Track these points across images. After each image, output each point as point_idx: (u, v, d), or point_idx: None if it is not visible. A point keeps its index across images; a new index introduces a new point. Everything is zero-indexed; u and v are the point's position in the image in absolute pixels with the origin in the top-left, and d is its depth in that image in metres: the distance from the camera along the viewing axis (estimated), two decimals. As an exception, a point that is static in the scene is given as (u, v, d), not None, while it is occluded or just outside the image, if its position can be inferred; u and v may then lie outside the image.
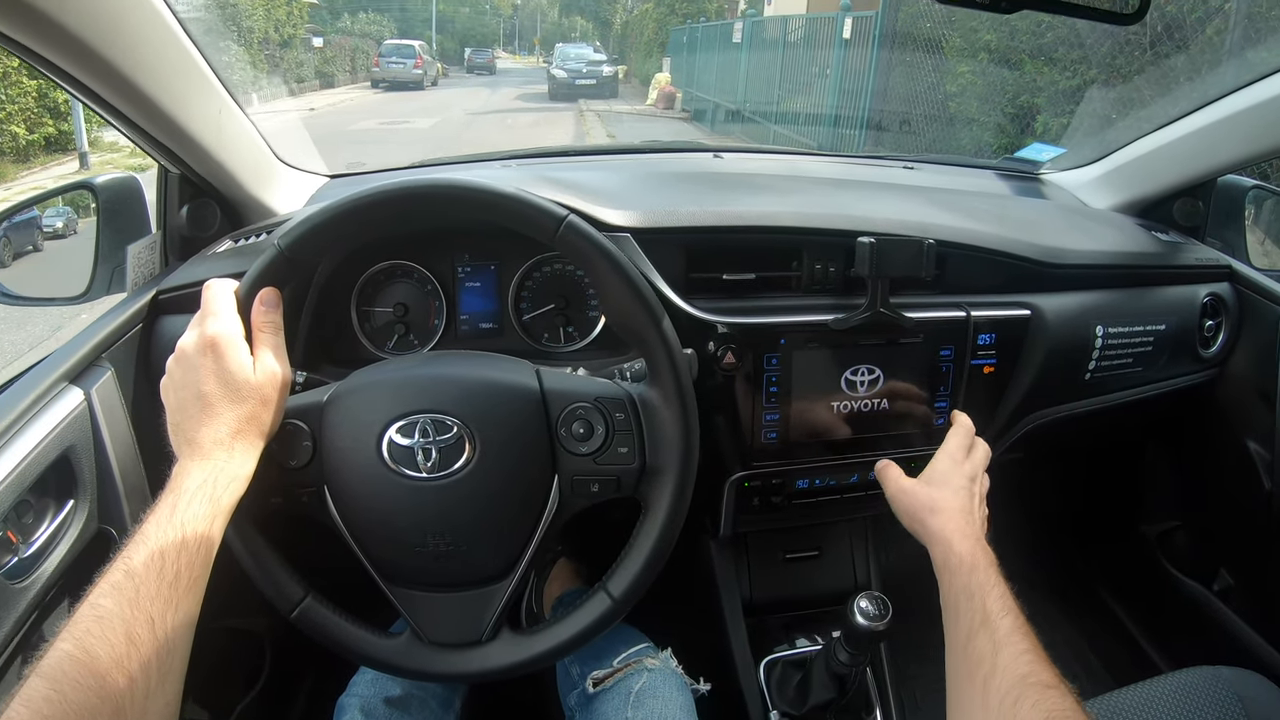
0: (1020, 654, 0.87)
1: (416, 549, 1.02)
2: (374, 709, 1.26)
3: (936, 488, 1.17)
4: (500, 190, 1.00)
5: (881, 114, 9.91)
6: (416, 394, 1.01)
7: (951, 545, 1.05)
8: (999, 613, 0.93)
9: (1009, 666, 0.86)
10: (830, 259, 1.38)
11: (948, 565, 1.05)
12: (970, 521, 1.10)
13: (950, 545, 1.06)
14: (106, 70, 1.03)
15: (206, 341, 0.92)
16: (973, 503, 1.15)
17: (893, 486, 1.23)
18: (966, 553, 1.03)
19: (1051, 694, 0.81)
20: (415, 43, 29.95)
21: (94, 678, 0.69)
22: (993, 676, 0.86)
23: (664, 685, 1.28)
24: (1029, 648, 0.88)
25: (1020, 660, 0.86)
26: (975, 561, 1.02)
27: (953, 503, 1.13)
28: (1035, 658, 0.87)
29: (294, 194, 1.60)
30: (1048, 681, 0.83)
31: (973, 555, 1.03)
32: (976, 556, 1.03)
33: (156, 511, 0.84)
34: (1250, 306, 1.74)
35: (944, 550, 1.06)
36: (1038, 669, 0.85)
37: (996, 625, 0.92)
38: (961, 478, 1.18)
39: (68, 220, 1.63)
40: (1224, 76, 3.58)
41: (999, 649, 0.89)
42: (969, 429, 1.29)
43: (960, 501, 1.13)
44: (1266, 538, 1.68)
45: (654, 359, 1.04)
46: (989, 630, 0.92)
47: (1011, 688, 0.83)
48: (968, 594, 0.98)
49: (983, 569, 1.01)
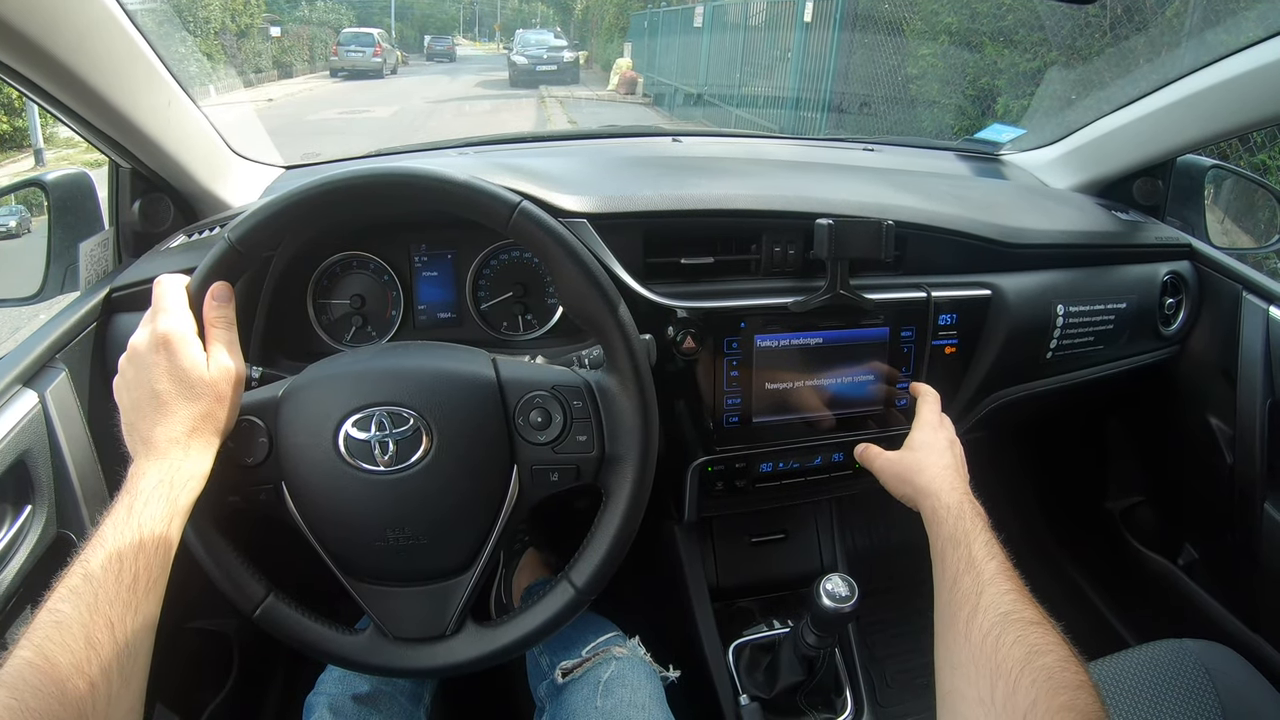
0: (1003, 593, 0.88)
1: (376, 543, 1.01)
2: (342, 706, 1.26)
3: (921, 451, 1.21)
4: (451, 178, 0.98)
5: (843, 96, 9.92)
6: (372, 386, 1.00)
7: (939, 496, 1.09)
8: (984, 557, 0.95)
9: (992, 605, 0.87)
10: (789, 241, 1.38)
11: (935, 515, 1.07)
12: (956, 477, 1.14)
13: (939, 496, 1.09)
14: (51, 64, 1.01)
15: (158, 339, 0.91)
16: (955, 464, 1.18)
17: (879, 460, 1.27)
18: (954, 502, 1.07)
19: (1034, 629, 0.82)
20: (374, 30, 29.59)
21: (54, 684, 0.68)
22: (975, 615, 0.87)
23: (632, 673, 1.28)
24: (1013, 588, 0.89)
25: (1003, 599, 0.87)
26: (962, 510, 1.05)
27: (938, 461, 1.17)
28: (1018, 597, 0.88)
29: (248, 186, 1.58)
30: (1031, 618, 0.84)
31: (959, 504, 1.06)
32: (963, 506, 1.06)
33: (113, 513, 0.83)
34: (1210, 284, 1.76)
35: (932, 502, 1.09)
36: (1020, 606, 0.86)
37: (981, 568, 0.93)
38: (942, 441, 1.22)
39: (20, 219, 1.60)
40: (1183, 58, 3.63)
41: (983, 589, 0.90)
42: (935, 395, 1.32)
43: (945, 459, 1.18)
44: (1229, 512, 1.71)
45: (611, 346, 1.04)
46: (974, 572, 0.93)
47: (994, 625, 0.84)
48: (953, 541, 1.01)
49: (969, 517, 1.03)
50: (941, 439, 1.23)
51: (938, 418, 1.28)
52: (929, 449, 1.21)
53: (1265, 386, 1.61)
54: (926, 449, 1.21)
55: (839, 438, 1.42)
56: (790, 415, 1.37)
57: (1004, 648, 0.81)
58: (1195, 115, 1.61)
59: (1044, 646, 0.80)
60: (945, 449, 1.20)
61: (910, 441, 1.25)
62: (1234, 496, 1.69)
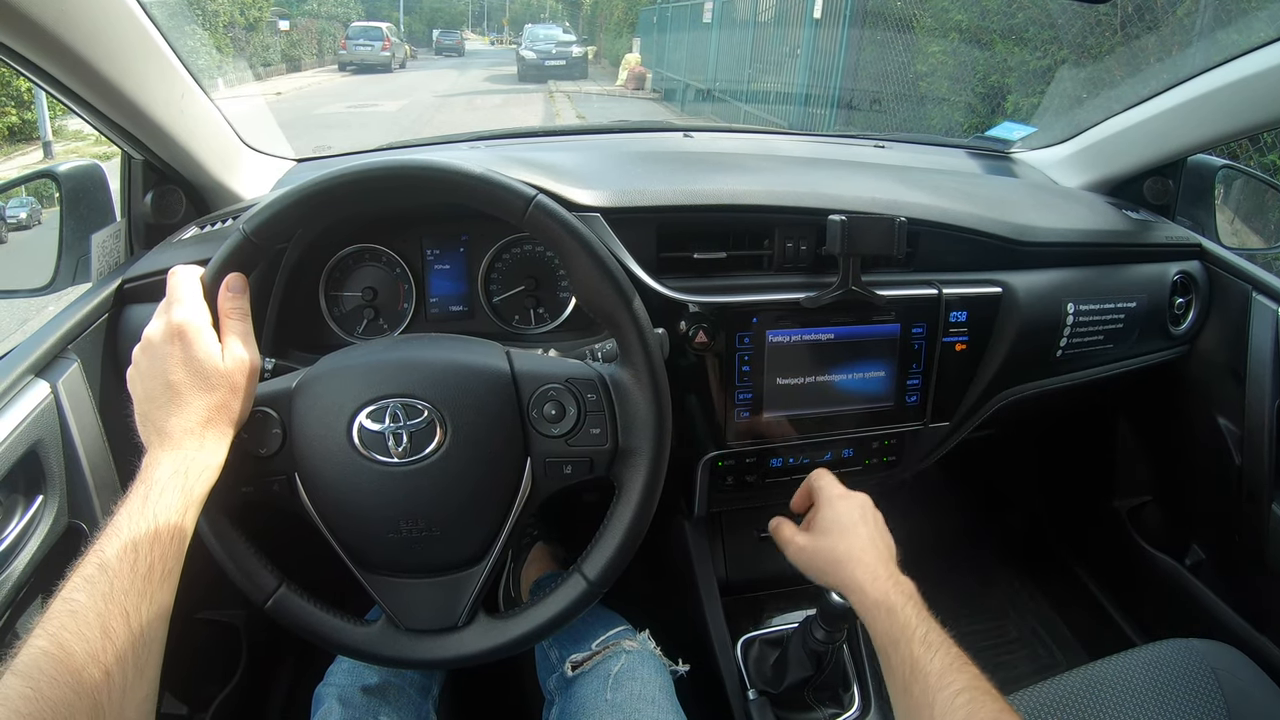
0: (955, 695, 0.86)
1: (389, 535, 1.01)
2: (351, 698, 1.26)
3: (833, 538, 1.13)
4: (468, 170, 0.98)
5: (852, 93, 9.89)
6: (386, 378, 1.00)
7: (865, 592, 1.03)
8: (926, 657, 0.91)
9: (946, 713, 0.85)
10: (802, 237, 1.37)
11: (866, 612, 1.03)
12: (876, 559, 1.07)
13: (864, 593, 1.03)
14: (67, 55, 1.01)
15: (173, 330, 0.91)
16: (872, 539, 1.11)
17: (791, 549, 1.19)
18: (880, 596, 1.01)
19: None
20: (383, 25, 29.66)
21: (70, 673, 0.68)
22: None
23: (642, 667, 1.28)
24: (963, 686, 0.86)
25: (956, 703, 0.85)
26: (891, 604, 0.99)
27: (852, 546, 1.10)
28: (972, 695, 0.85)
29: (260, 179, 1.58)
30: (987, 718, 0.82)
31: (887, 598, 1.00)
32: (891, 599, 1.00)
33: (128, 503, 0.83)
34: (1220, 284, 1.75)
35: (859, 598, 1.04)
36: (975, 709, 0.84)
37: (927, 671, 0.90)
38: (851, 516, 1.14)
39: (31, 210, 1.60)
40: (1194, 57, 3.61)
41: (933, 698, 0.87)
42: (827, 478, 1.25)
43: (860, 542, 1.10)
44: (1237, 512, 1.70)
45: (625, 339, 1.04)
46: (920, 679, 0.90)
47: None
48: (893, 642, 0.96)
49: (899, 610, 0.98)
50: (851, 514, 1.15)
51: (838, 489, 1.21)
52: (837, 532, 1.13)
53: (1274, 387, 1.60)
54: (835, 532, 1.13)
55: (849, 433, 1.42)
56: (801, 410, 1.37)
57: None
58: (1206, 115, 1.60)
59: None
60: (856, 524, 1.13)
61: (818, 523, 1.17)
62: (1242, 497, 1.68)
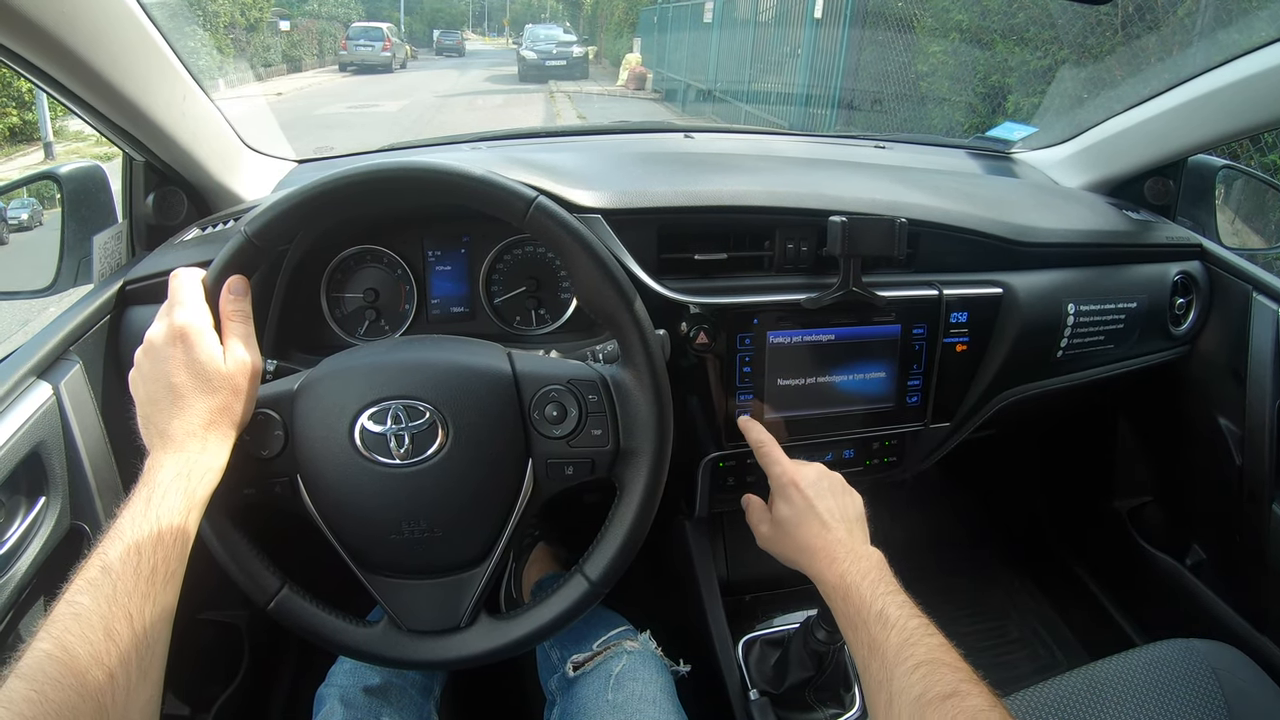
0: (911, 670, 0.84)
1: (391, 536, 1.01)
2: (353, 699, 1.26)
3: (789, 528, 1.13)
4: (468, 172, 0.99)
5: (853, 93, 9.89)
6: (388, 380, 1.01)
7: (823, 579, 1.03)
8: (883, 635, 0.90)
9: (903, 689, 0.83)
10: (802, 238, 1.38)
11: (827, 599, 1.03)
12: (832, 539, 1.06)
13: (822, 580, 1.03)
14: (68, 57, 1.01)
15: (175, 332, 0.91)
16: (827, 513, 1.10)
17: (758, 538, 1.21)
18: (836, 580, 1.01)
19: (949, 704, 0.79)
20: (383, 25, 29.67)
21: (74, 676, 0.68)
22: (891, 704, 0.84)
23: (643, 667, 1.28)
24: (920, 660, 0.85)
25: (912, 679, 0.83)
26: (847, 585, 0.99)
27: (807, 534, 1.09)
28: (929, 669, 0.83)
29: (261, 180, 1.59)
30: (945, 692, 0.81)
31: (840, 579, 1.00)
32: (847, 580, 0.99)
33: (131, 505, 0.83)
34: (1221, 285, 1.75)
35: (821, 587, 1.04)
36: (933, 682, 0.82)
37: (884, 648, 0.89)
38: (802, 499, 1.13)
39: (33, 212, 1.60)
40: (1195, 57, 3.62)
41: (891, 674, 0.86)
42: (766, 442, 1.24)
43: (812, 529, 1.09)
44: (1237, 512, 1.70)
45: (626, 340, 1.04)
46: (878, 656, 0.89)
47: (910, 714, 0.81)
48: (850, 624, 0.96)
49: (855, 589, 0.97)
50: (801, 493, 1.13)
51: (783, 466, 1.19)
52: (795, 523, 1.12)
53: (1275, 387, 1.61)
54: (792, 523, 1.12)
55: (850, 434, 1.43)
56: (802, 411, 1.37)
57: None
58: (1207, 115, 1.60)
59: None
60: (808, 507, 1.11)
61: (774, 514, 1.17)
62: (1242, 497, 1.69)
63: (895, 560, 1.04)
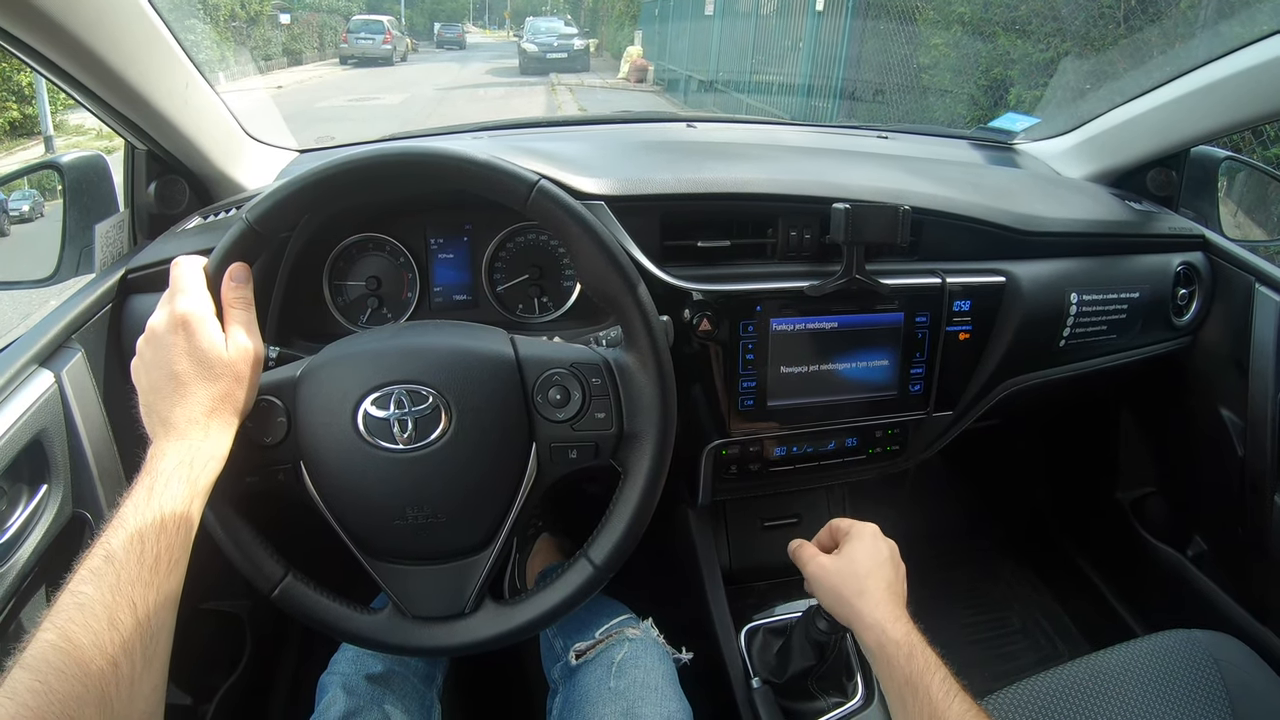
0: None
1: (395, 522, 1.01)
2: (355, 686, 1.26)
3: (860, 568, 1.11)
4: (471, 156, 0.98)
5: (855, 85, 9.86)
6: (391, 365, 1.01)
7: (886, 631, 1.02)
8: (945, 702, 0.92)
9: None
10: (805, 226, 1.38)
11: (884, 652, 1.02)
12: (898, 603, 1.07)
13: (884, 631, 1.02)
14: (72, 45, 1.01)
15: (177, 320, 0.91)
16: (892, 584, 1.10)
17: (812, 566, 1.17)
18: (903, 638, 1.01)
19: None
20: (384, 18, 29.65)
21: (78, 666, 0.68)
22: None
23: (645, 655, 1.28)
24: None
25: None
26: (912, 647, 0.99)
27: (880, 582, 1.09)
28: None
29: (263, 169, 1.59)
30: None
31: (909, 640, 1.00)
32: (913, 641, 1.00)
33: (134, 494, 0.83)
34: (1223, 276, 1.75)
35: (878, 636, 1.03)
36: None
37: (946, 716, 0.91)
38: (880, 557, 1.13)
39: (34, 203, 1.61)
40: (1197, 49, 3.62)
41: None
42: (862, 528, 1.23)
43: (885, 580, 1.09)
44: (1239, 503, 1.71)
45: (630, 324, 1.04)
46: None
47: None
48: (910, 685, 0.96)
49: (919, 653, 0.99)
50: (882, 550, 1.13)
51: (873, 529, 1.18)
52: (870, 563, 1.11)
53: (1277, 379, 1.61)
54: (867, 563, 1.11)
55: (853, 422, 1.42)
56: (804, 399, 1.37)
57: None
58: (1209, 107, 1.60)
59: None
60: (885, 563, 1.11)
61: (847, 550, 1.15)
62: (1244, 488, 1.69)
63: (903, 548, 1.05)
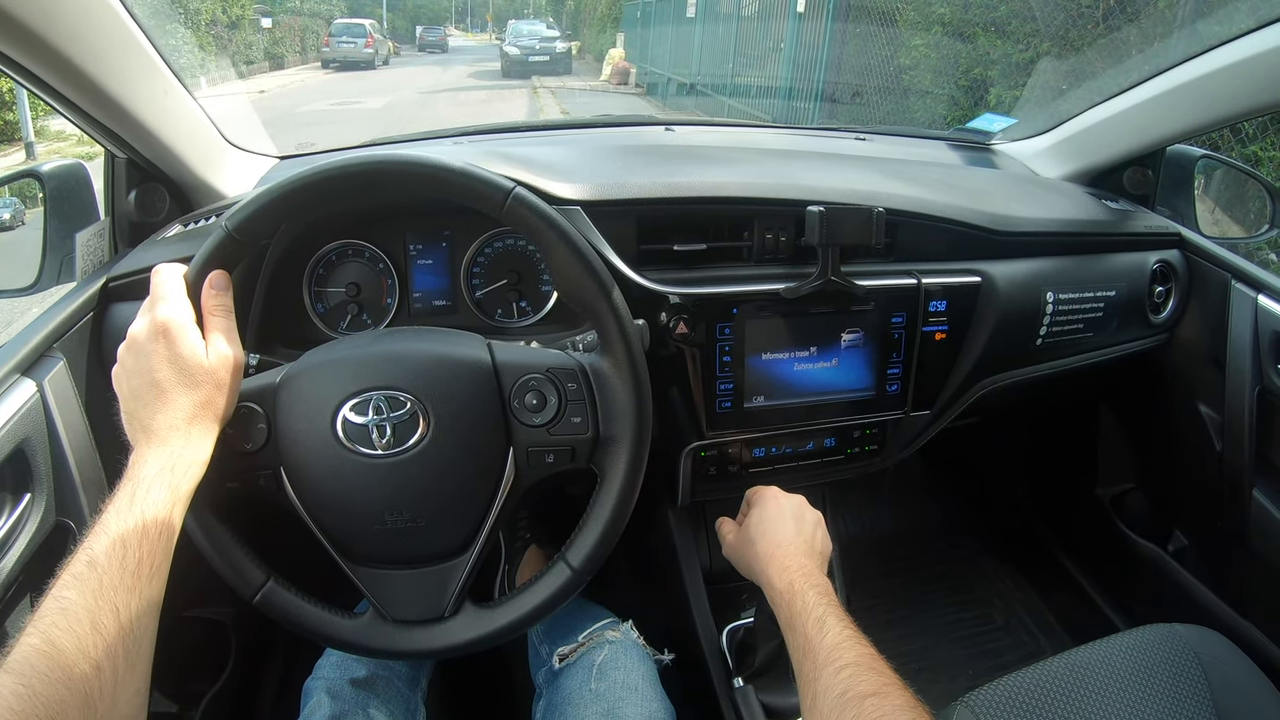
0: (838, 670, 0.88)
1: (375, 527, 1.02)
2: (340, 691, 1.26)
3: (753, 536, 1.20)
4: (446, 164, 0.99)
5: (835, 86, 9.88)
6: (369, 371, 1.01)
7: (771, 583, 1.09)
8: (818, 637, 0.95)
9: (828, 688, 0.87)
10: (781, 228, 1.39)
11: (773, 604, 1.08)
12: (789, 554, 1.12)
13: (771, 583, 1.09)
14: (50, 54, 1.01)
15: (157, 327, 0.91)
16: (796, 533, 1.17)
17: (725, 548, 1.30)
18: (784, 586, 1.06)
19: (869, 702, 0.83)
20: (366, 21, 29.63)
21: (61, 670, 0.68)
22: (815, 700, 0.88)
23: (625, 656, 1.30)
24: (849, 661, 0.89)
25: (838, 678, 0.88)
26: (792, 591, 1.04)
27: (771, 541, 1.16)
28: (855, 670, 0.88)
29: (243, 176, 1.58)
30: (866, 691, 0.84)
31: (789, 587, 1.05)
32: (794, 586, 1.05)
33: (116, 500, 0.83)
34: (1200, 273, 1.77)
35: (767, 591, 1.11)
36: (856, 681, 0.86)
37: (817, 649, 0.93)
38: (780, 515, 1.21)
39: (15, 211, 1.59)
40: (1175, 48, 3.64)
41: (819, 673, 0.90)
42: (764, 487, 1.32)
43: (779, 537, 1.16)
44: (1218, 498, 1.72)
45: (605, 329, 1.05)
46: (811, 656, 0.93)
47: (832, 708, 0.85)
48: (789, 626, 1.01)
49: (800, 595, 1.03)
50: (782, 512, 1.22)
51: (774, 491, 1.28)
52: (765, 525, 1.20)
53: (1254, 374, 1.62)
54: (759, 533, 1.19)
55: (831, 423, 1.43)
56: (782, 401, 1.38)
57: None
58: (1186, 105, 1.61)
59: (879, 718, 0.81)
60: (781, 522, 1.20)
61: (749, 519, 1.25)
62: (1223, 483, 1.70)
63: (878, 550, 1.06)
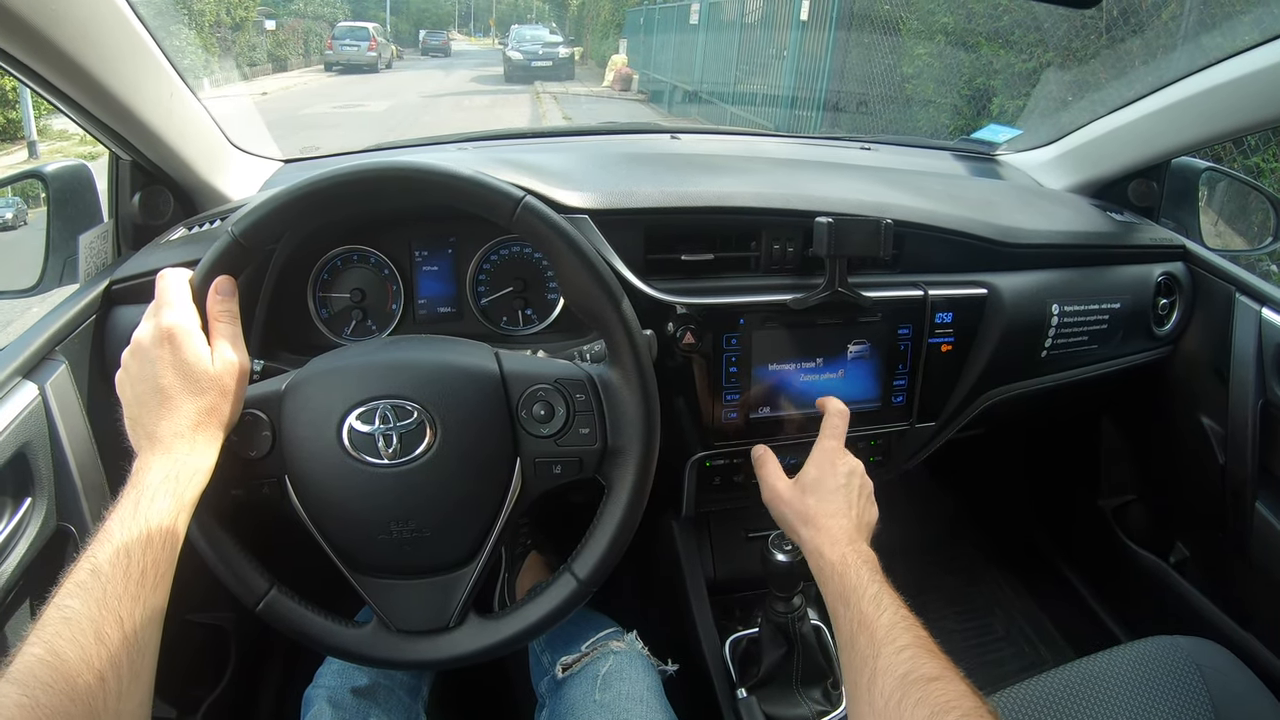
0: (900, 650, 0.85)
1: (380, 536, 1.01)
2: (341, 700, 1.26)
3: (809, 495, 1.14)
4: (456, 172, 0.99)
5: (839, 95, 9.89)
6: (376, 380, 1.01)
7: (822, 553, 1.04)
8: (875, 612, 0.92)
9: (889, 667, 0.84)
10: (788, 239, 1.38)
11: (820, 573, 1.04)
12: (842, 526, 1.08)
13: (821, 554, 1.04)
14: (55, 54, 1.01)
15: (163, 333, 0.91)
16: (848, 505, 1.12)
17: (768, 492, 1.22)
18: (837, 559, 1.02)
19: (934, 686, 0.80)
20: (369, 25, 29.63)
21: (65, 680, 0.68)
22: (875, 679, 0.84)
23: (630, 667, 1.29)
24: (909, 643, 0.86)
25: (900, 658, 0.85)
26: (845, 565, 1.00)
27: (824, 509, 1.11)
28: (916, 652, 0.85)
29: (248, 179, 1.58)
30: (930, 674, 0.81)
31: (842, 560, 1.01)
32: (847, 560, 1.01)
33: (120, 508, 0.83)
34: (1204, 285, 1.76)
35: (816, 560, 1.06)
36: (919, 663, 0.83)
37: (874, 626, 0.90)
38: (835, 481, 1.15)
39: (17, 211, 1.59)
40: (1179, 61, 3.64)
41: (878, 650, 0.87)
42: (843, 416, 1.27)
43: (833, 507, 1.11)
44: (1220, 510, 1.72)
45: (613, 340, 1.04)
46: (867, 632, 0.90)
47: (894, 689, 0.82)
48: (842, 599, 0.97)
49: (854, 570, 0.99)
50: (836, 477, 1.15)
51: (837, 445, 1.21)
52: (818, 492, 1.14)
53: (1257, 387, 1.62)
54: (816, 491, 1.14)
55: (835, 435, 1.43)
56: (788, 411, 1.38)
57: (906, 711, 0.79)
58: (1190, 118, 1.61)
59: (946, 704, 0.78)
60: (836, 490, 1.13)
61: (802, 477, 1.18)
62: (1226, 496, 1.70)
63: (882, 558, 1.05)
